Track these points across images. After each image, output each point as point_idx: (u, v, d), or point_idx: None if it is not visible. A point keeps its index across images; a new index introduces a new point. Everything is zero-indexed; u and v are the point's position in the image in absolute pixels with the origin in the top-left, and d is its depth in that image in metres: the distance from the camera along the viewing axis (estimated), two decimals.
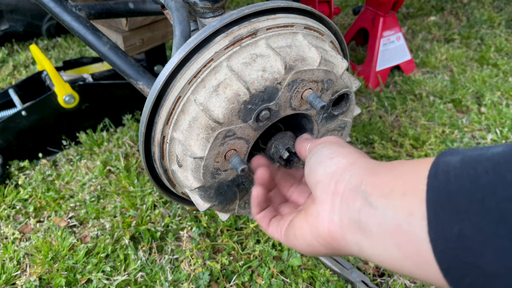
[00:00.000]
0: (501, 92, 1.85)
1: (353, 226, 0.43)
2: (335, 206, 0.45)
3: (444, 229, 0.33)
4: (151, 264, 1.16)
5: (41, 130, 1.51)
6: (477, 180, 0.33)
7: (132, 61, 0.86)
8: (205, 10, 0.82)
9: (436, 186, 0.35)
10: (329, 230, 0.46)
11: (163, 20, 1.52)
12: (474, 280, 0.32)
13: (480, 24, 2.44)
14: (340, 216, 0.44)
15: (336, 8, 1.83)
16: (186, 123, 0.67)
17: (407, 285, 1.09)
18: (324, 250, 0.48)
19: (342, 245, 0.45)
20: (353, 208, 0.43)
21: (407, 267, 0.38)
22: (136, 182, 1.39)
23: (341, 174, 0.46)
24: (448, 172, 0.35)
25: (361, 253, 0.43)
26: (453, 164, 0.35)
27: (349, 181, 0.45)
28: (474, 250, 0.31)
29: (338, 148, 0.52)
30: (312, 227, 0.48)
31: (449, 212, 0.33)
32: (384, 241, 0.39)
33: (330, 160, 0.50)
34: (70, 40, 2.48)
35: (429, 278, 0.36)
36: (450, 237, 0.33)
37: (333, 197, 0.46)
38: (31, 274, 1.13)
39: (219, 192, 0.73)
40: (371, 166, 0.45)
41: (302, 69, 0.65)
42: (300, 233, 0.51)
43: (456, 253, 0.33)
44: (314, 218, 0.48)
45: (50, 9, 0.91)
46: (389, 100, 1.83)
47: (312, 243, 0.49)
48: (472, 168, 0.34)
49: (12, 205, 1.35)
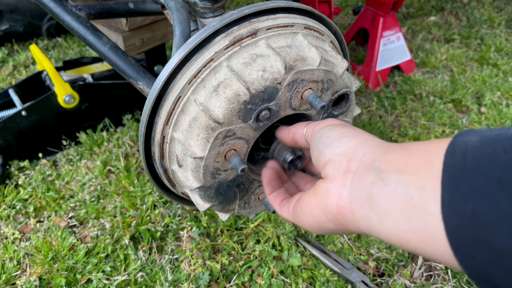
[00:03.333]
0: (501, 92, 1.85)
1: (363, 200, 0.42)
2: (346, 182, 0.45)
3: (458, 207, 0.33)
4: (151, 264, 1.16)
5: (41, 130, 1.51)
6: (495, 158, 0.32)
7: (132, 61, 0.86)
8: (205, 10, 0.82)
9: (452, 164, 0.35)
10: (338, 205, 0.45)
11: (163, 20, 1.52)
12: (484, 258, 0.31)
13: (480, 24, 2.44)
14: (350, 191, 0.44)
15: (336, 8, 1.83)
16: (186, 123, 0.67)
17: (407, 285, 1.09)
18: (332, 226, 0.48)
19: (349, 220, 0.45)
20: (364, 183, 0.43)
21: (413, 241, 0.38)
22: (136, 182, 1.39)
23: (353, 153, 0.46)
24: (466, 151, 0.35)
25: (368, 228, 0.43)
26: (471, 144, 0.35)
27: (362, 159, 0.45)
28: (486, 227, 0.31)
29: (345, 129, 0.51)
30: (321, 203, 0.48)
31: (465, 190, 0.33)
32: (393, 214, 0.39)
33: (338, 141, 0.49)
34: (70, 40, 2.48)
35: (436, 254, 0.36)
36: (464, 214, 0.33)
37: (345, 174, 0.46)
38: (31, 274, 1.13)
39: (219, 192, 0.73)
40: (385, 145, 0.45)
41: (302, 69, 0.65)
42: (308, 209, 0.51)
43: (468, 230, 0.32)
44: (323, 194, 0.48)
45: (50, 9, 0.91)
46: (389, 100, 1.83)
47: (320, 219, 0.49)
48: (491, 147, 0.33)
49: (12, 205, 1.35)
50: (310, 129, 0.57)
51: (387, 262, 1.15)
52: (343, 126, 0.53)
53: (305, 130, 0.58)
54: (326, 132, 0.52)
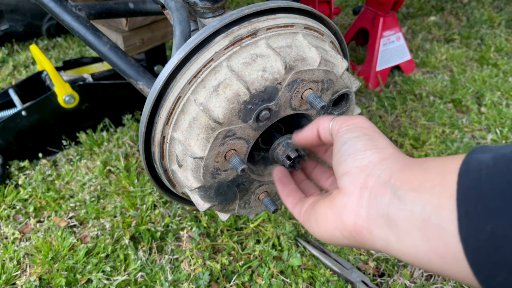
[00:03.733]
0: (501, 92, 1.85)
1: (380, 220, 0.42)
2: (363, 199, 0.45)
3: (476, 228, 0.33)
4: (151, 264, 1.16)
5: (41, 130, 1.51)
6: (510, 178, 0.32)
7: (132, 61, 0.86)
8: (205, 10, 0.82)
9: (467, 184, 0.35)
10: (355, 223, 0.45)
11: (163, 20, 1.52)
12: (506, 279, 0.32)
13: (480, 24, 2.44)
14: (367, 210, 0.44)
15: (336, 8, 1.83)
16: (186, 123, 0.67)
17: (407, 285, 1.09)
18: (346, 242, 0.48)
19: (366, 239, 0.44)
20: (381, 202, 0.42)
21: (434, 262, 0.38)
22: (136, 182, 1.39)
23: (372, 169, 0.46)
24: (480, 170, 0.35)
25: (386, 248, 0.43)
26: (485, 162, 0.35)
27: (380, 176, 0.44)
28: (506, 250, 0.31)
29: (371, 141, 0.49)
30: (337, 218, 0.48)
31: (481, 211, 0.33)
32: (412, 234, 0.39)
33: (362, 153, 0.48)
34: (70, 40, 2.48)
35: (457, 275, 0.36)
36: (482, 236, 0.33)
37: (362, 190, 0.45)
38: (31, 274, 1.13)
39: (219, 192, 0.73)
40: (403, 162, 0.45)
41: (302, 69, 0.65)
42: (323, 221, 0.50)
43: (488, 252, 0.32)
44: (340, 209, 0.47)
45: (50, 9, 0.91)
46: (389, 100, 1.83)
47: (335, 234, 0.48)
48: (506, 166, 0.33)
49: (12, 205, 1.35)
50: (337, 124, 0.54)
51: (387, 262, 1.15)
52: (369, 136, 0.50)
53: (331, 124, 0.55)
54: (352, 139, 0.50)
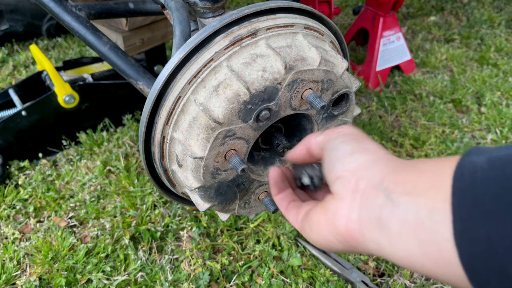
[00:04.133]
0: (501, 92, 1.85)
1: (373, 223, 0.42)
2: (355, 203, 0.44)
3: (471, 233, 0.33)
4: (151, 264, 1.16)
5: (41, 130, 1.51)
6: (505, 182, 0.32)
7: (132, 61, 0.86)
8: (205, 10, 0.82)
9: (461, 188, 0.35)
10: (347, 227, 0.45)
11: (163, 20, 1.52)
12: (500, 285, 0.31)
13: (480, 24, 2.44)
14: (359, 213, 0.44)
15: (336, 8, 1.83)
16: (186, 123, 0.67)
17: (407, 285, 1.09)
18: (341, 246, 0.48)
19: (359, 242, 0.44)
20: (373, 205, 0.42)
21: (427, 266, 0.37)
22: (136, 182, 1.39)
23: (362, 171, 0.45)
24: (474, 173, 0.34)
25: (379, 251, 0.42)
26: (480, 165, 0.34)
27: (371, 179, 0.44)
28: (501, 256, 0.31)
29: (358, 144, 0.49)
30: (330, 223, 0.47)
31: (476, 216, 0.33)
32: (405, 238, 0.38)
33: (350, 157, 0.48)
34: (70, 40, 2.48)
35: (451, 279, 0.36)
36: (477, 241, 0.32)
37: (354, 194, 0.45)
38: (31, 274, 1.13)
39: (219, 192, 0.73)
40: (394, 163, 0.44)
41: (302, 69, 0.65)
42: (317, 228, 0.50)
43: (483, 258, 0.32)
44: (332, 214, 0.47)
45: (50, 9, 0.91)
46: (389, 100, 1.83)
47: (329, 239, 0.48)
48: (500, 170, 0.33)
49: (12, 205, 1.35)
50: (325, 136, 0.54)
51: (387, 262, 1.15)
52: (356, 140, 0.50)
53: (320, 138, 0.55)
54: (340, 144, 0.50)
